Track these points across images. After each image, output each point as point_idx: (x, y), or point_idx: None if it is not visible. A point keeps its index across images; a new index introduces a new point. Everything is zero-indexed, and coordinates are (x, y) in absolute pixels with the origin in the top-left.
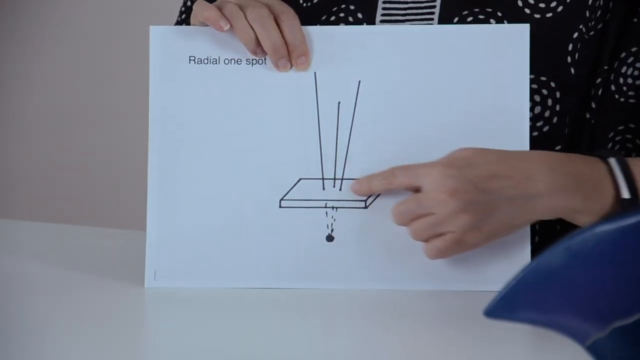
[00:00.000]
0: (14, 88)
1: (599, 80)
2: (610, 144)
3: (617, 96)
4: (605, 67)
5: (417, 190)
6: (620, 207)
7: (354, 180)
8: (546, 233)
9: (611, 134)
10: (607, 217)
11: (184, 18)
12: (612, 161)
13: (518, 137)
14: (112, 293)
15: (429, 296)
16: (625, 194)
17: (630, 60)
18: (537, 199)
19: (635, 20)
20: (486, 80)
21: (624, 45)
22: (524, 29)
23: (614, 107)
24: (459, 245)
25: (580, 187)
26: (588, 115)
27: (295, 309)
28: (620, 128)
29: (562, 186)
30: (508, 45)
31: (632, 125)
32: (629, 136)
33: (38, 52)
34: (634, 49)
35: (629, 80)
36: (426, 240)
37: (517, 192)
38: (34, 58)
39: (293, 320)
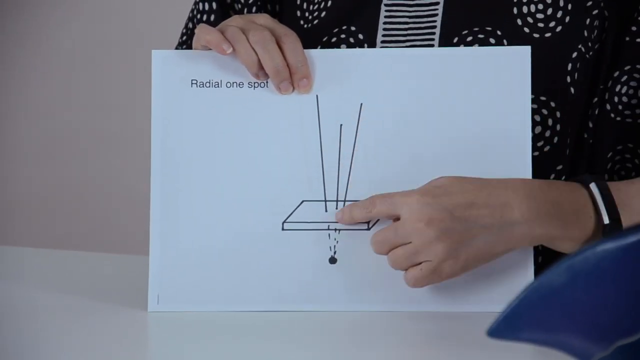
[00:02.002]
0: (15, 114)
1: (595, 99)
2: (610, 164)
3: (612, 115)
4: (602, 87)
5: (396, 218)
6: (602, 234)
7: (338, 210)
8: (550, 253)
9: (610, 154)
10: (591, 244)
11: (185, 40)
12: (593, 186)
13: (520, 158)
14: (116, 318)
15: (432, 318)
16: (606, 219)
17: (624, 78)
18: (514, 227)
19: (628, 38)
20: (487, 102)
21: (617, 64)
22: (525, 51)
23: (611, 126)
24: (435, 274)
25: (559, 214)
26: (586, 135)
27: (299, 331)
28: (619, 148)
29: (540, 213)
30: (509, 67)
31: (630, 145)
32: (628, 156)
33: (40, 78)
34: (627, 67)
35: (624, 99)
36: (405, 269)
37: (494, 220)
38: (35, 83)
39: (296, 344)
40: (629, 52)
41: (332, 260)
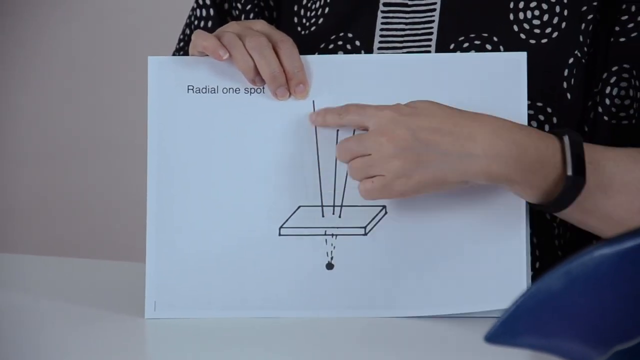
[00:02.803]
0: (12, 119)
1: (590, 103)
2: None
3: (606, 118)
4: (595, 90)
5: (365, 129)
6: (564, 184)
7: (312, 112)
8: (548, 258)
9: None
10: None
11: (182, 46)
12: (565, 138)
13: None
14: (113, 324)
15: (429, 323)
16: (569, 171)
17: (612, 80)
18: (472, 159)
19: (612, 39)
20: (483, 109)
21: (605, 66)
22: (521, 57)
23: (605, 129)
24: (386, 189)
25: (522, 158)
26: None
27: (296, 337)
28: None
29: (501, 152)
30: (505, 74)
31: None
32: None
33: (37, 83)
34: (614, 68)
35: (616, 101)
36: (360, 180)
37: (454, 149)
38: (32, 89)
39: (294, 349)
40: (614, 53)
41: (329, 266)
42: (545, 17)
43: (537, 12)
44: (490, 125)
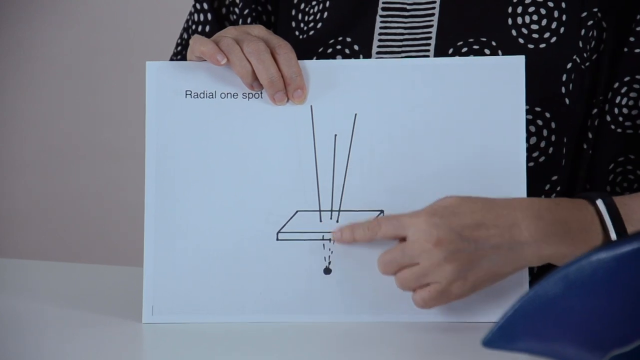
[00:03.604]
0: (12, 125)
1: (595, 110)
2: (612, 176)
3: (613, 126)
4: (601, 98)
5: (402, 239)
6: None
7: (336, 229)
8: (546, 265)
9: (611, 166)
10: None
11: (180, 50)
12: (600, 203)
13: (514, 168)
14: (110, 329)
15: (427, 328)
16: (613, 236)
17: (623, 90)
18: (523, 247)
19: (626, 49)
20: (482, 112)
21: (616, 75)
22: (520, 61)
23: (612, 137)
24: (444, 295)
25: (567, 233)
26: (585, 146)
27: (293, 343)
28: (620, 159)
29: (548, 233)
30: (504, 77)
31: (632, 156)
32: (629, 167)
33: (35, 89)
34: (626, 79)
35: (624, 110)
36: (413, 290)
37: (503, 241)
38: (30, 95)
39: (291, 355)
40: (627, 63)
41: (327, 271)
42: (544, 22)
43: (535, 17)
44: (530, 210)
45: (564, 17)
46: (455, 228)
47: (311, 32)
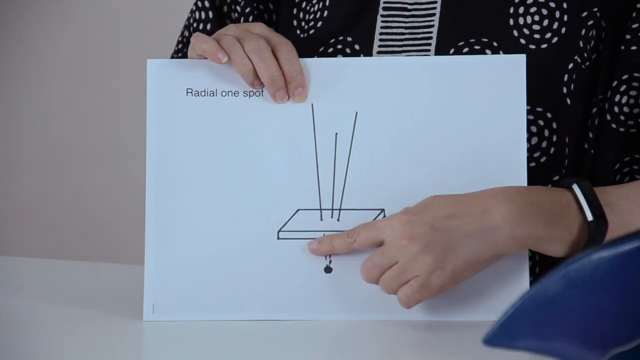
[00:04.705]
0: (10, 124)
1: (594, 110)
2: (619, 176)
3: (614, 125)
4: (600, 97)
5: (381, 244)
6: (588, 231)
7: (312, 240)
8: (547, 263)
9: (617, 166)
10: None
11: (181, 48)
12: (575, 187)
13: (515, 168)
14: (111, 327)
15: (428, 327)
16: (590, 216)
17: (622, 88)
18: (497, 230)
19: (623, 47)
20: (483, 111)
21: (614, 74)
22: (521, 60)
23: (613, 137)
24: (425, 287)
25: (541, 214)
26: (587, 146)
27: (294, 341)
28: (626, 159)
29: (521, 214)
30: (505, 76)
31: (637, 156)
32: (635, 167)
33: (35, 88)
34: (624, 77)
35: (625, 109)
36: (397, 292)
37: (475, 227)
38: (30, 93)
39: (292, 353)
40: (625, 61)
41: (328, 270)
42: (545, 23)
43: (537, 18)
44: (502, 195)
45: (565, 18)
46: (428, 221)
47: (312, 31)
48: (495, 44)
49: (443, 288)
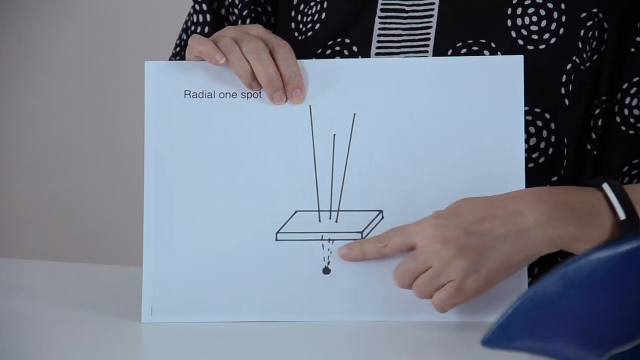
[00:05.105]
0: (12, 125)
1: (597, 111)
2: (627, 178)
3: (624, 128)
4: (604, 98)
5: (412, 248)
6: (620, 230)
7: (344, 245)
8: (546, 265)
9: (626, 168)
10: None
11: (179, 50)
12: (606, 186)
13: (513, 167)
14: (110, 328)
15: (426, 327)
16: (622, 215)
17: (633, 90)
18: (529, 232)
19: (633, 49)
20: (481, 112)
21: (624, 76)
22: (518, 61)
23: (623, 139)
24: (461, 292)
25: (573, 215)
26: (589, 147)
27: (292, 342)
28: (635, 162)
29: (553, 216)
30: (502, 77)
31: None
32: None
33: (33, 89)
34: (635, 79)
35: (635, 112)
36: (431, 296)
37: (507, 229)
38: (29, 94)
39: (290, 354)
40: (635, 63)
41: (326, 271)
42: (543, 23)
43: (535, 18)
44: (532, 196)
45: (563, 18)
46: (460, 225)
47: (309, 33)
48: (493, 44)
49: (478, 292)
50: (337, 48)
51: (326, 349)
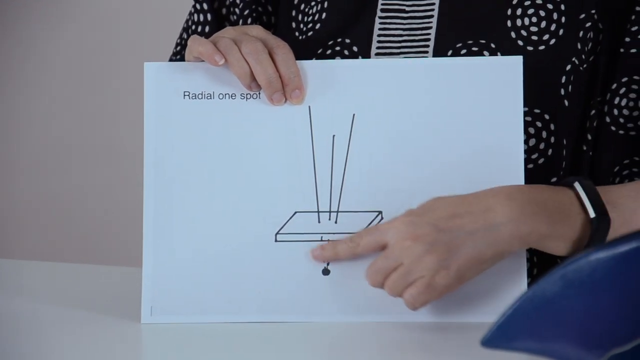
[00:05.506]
0: (12, 125)
1: (592, 112)
2: (618, 179)
3: (613, 128)
4: (599, 99)
5: (385, 247)
6: (590, 228)
7: (317, 246)
8: (545, 264)
9: (617, 168)
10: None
11: (179, 50)
12: (577, 185)
13: (512, 168)
14: (109, 329)
15: (425, 328)
16: (592, 213)
17: (622, 91)
18: (499, 228)
19: (622, 50)
20: (480, 112)
21: (613, 76)
22: (518, 61)
23: (613, 139)
24: (431, 288)
25: (544, 212)
26: (585, 148)
27: (292, 343)
28: (626, 162)
29: (523, 212)
30: (502, 77)
31: (637, 158)
32: (635, 169)
33: (32, 90)
34: (624, 80)
35: (625, 112)
36: (402, 294)
37: (478, 226)
38: (28, 95)
39: (290, 355)
40: (624, 64)
41: (325, 272)
42: (543, 24)
43: (534, 19)
44: (503, 194)
45: (562, 19)
46: (431, 222)
47: (310, 33)
48: (493, 45)
49: (448, 288)
50: (338, 48)
51: (326, 350)
